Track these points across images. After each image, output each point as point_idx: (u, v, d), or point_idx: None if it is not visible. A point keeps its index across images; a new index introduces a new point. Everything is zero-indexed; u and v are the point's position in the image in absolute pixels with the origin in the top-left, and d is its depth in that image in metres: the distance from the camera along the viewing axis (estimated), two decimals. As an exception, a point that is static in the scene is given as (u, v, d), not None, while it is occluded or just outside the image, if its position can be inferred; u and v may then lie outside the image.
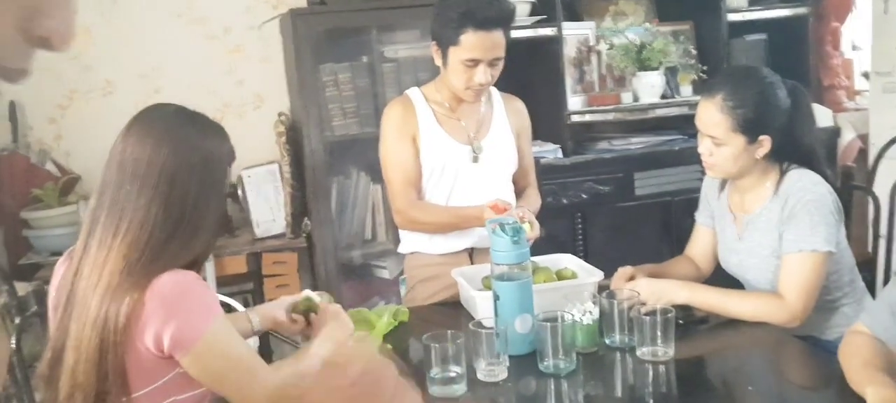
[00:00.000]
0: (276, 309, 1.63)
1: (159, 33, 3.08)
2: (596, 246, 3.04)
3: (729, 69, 1.83)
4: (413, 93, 2.07)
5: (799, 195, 1.68)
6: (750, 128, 1.68)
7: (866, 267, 2.00)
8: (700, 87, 2.89)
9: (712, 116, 1.70)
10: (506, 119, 2.10)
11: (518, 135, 2.13)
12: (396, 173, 2.02)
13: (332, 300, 1.65)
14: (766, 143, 1.70)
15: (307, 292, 1.68)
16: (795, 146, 1.73)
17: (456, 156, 2.02)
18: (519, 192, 2.16)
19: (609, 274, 1.93)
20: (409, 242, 2.11)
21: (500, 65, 1.95)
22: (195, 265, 1.31)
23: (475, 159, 2.03)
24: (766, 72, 1.78)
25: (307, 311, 1.62)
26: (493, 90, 2.13)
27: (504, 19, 1.91)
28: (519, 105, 2.17)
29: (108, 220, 1.25)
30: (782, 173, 1.74)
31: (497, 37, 1.89)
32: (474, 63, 1.89)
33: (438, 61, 1.97)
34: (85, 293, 1.22)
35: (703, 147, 1.75)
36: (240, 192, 2.97)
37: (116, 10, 3.04)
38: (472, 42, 1.87)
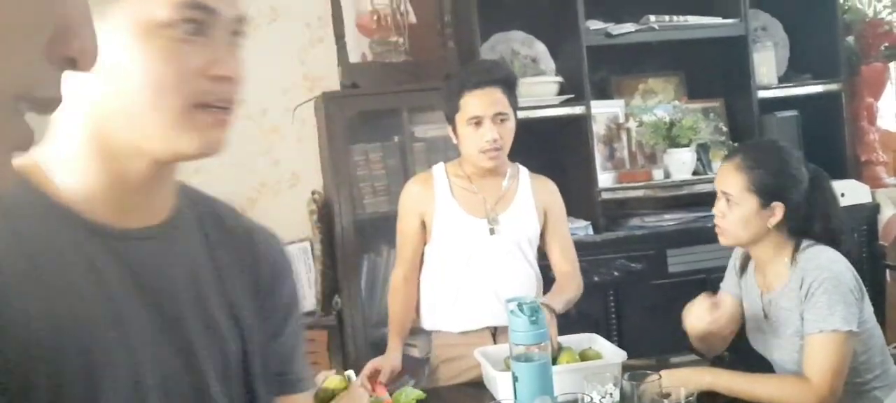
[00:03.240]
0: None
1: (200, 116, 3.20)
2: (630, 324, 2.99)
3: (755, 139, 1.88)
4: (436, 168, 2.14)
5: (815, 274, 1.65)
6: (764, 191, 1.69)
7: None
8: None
9: (729, 174, 1.74)
10: (531, 196, 2.12)
11: (546, 212, 2.14)
12: (398, 244, 2.17)
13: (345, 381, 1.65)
14: (778, 212, 1.69)
15: (327, 376, 1.69)
16: (813, 226, 1.71)
17: (470, 229, 2.04)
18: (558, 275, 2.15)
19: (643, 352, 1.90)
20: (431, 319, 2.12)
21: (510, 124, 2.02)
22: None
23: (492, 232, 2.05)
24: (788, 146, 1.82)
25: (323, 401, 1.63)
26: (523, 169, 2.17)
27: (499, 79, 2.02)
28: (549, 185, 2.19)
29: None
30: (797, 249, 1.72)
31: (496, 94, 1.99)
32: (478, 121, 1.98)
33: (455, 139, 2.06)
34: None
35: (717, 208, 1.78)
36: (273, 269, 3.02)
37: None
38: (471, 102, 1.98)
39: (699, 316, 1.72)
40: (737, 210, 1.71)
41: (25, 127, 0.38)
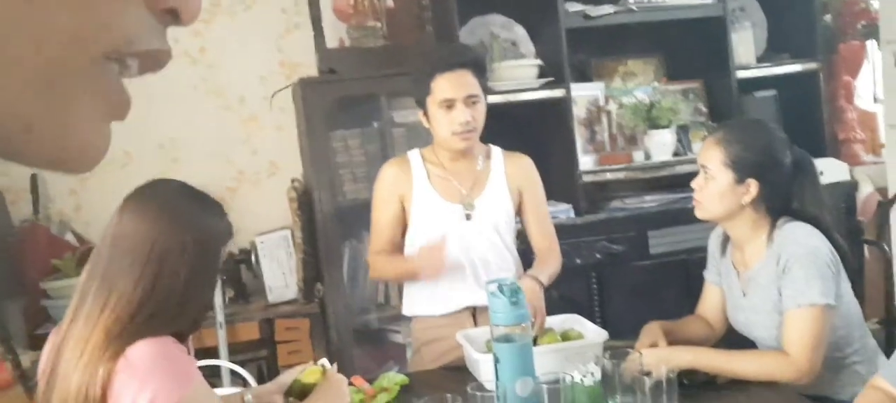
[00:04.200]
0: (273, 392, 1.62)
1: (177, 105, 3.16)
2: (613, 306, 3.00)
3: (743, 117, 1.89)
4: (412, 154, 2.12)
5: (791, 249, 1.66)
6: (740, 167, 1.70)
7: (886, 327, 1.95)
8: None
9: (709, 148, 1.76)
10: (504, 178, 2.11)
11: (521, 191, 2.13)
12: (375, 230, 2.11)
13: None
14: (752, 189, 1.70)
15: (321, 363, 1.67)
16: (791, 208, 1.72)
17: (446, 214, 2.03)
18: (538, 251, 2.15)
19: (626, 334, 1.91)
20: (411, 304, 2.11)
21: (481, 107, 2.01)
22: (180, 337, 1.31)
23: (468, 217, 2.04)
24: (775, 127, 1.83)
25: (302, 394, 1.61)
26: (495, 149, 2.15)
27: (469, 61, 2.02)
28: (524, 162, 2.17)
29: (98, 293, 1.25)
30: (774, 226, 1.73)
31: (466, 77, 1.98)
32: (450, 103, 1.97)
33: (427, 123, 2.05)
34: (66, 367, 1.22)
35: (696, 181, 1.78)
36: (253, 259, 3.00)
37: (134, 83, 3.05)
38: (442, 85, 1.97)
39: (659, 358, 1.65)
40: (712, 184, 1.73)
41: (123, 90, 0.36)
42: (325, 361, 1.68)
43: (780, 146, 1.74)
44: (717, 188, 1.72)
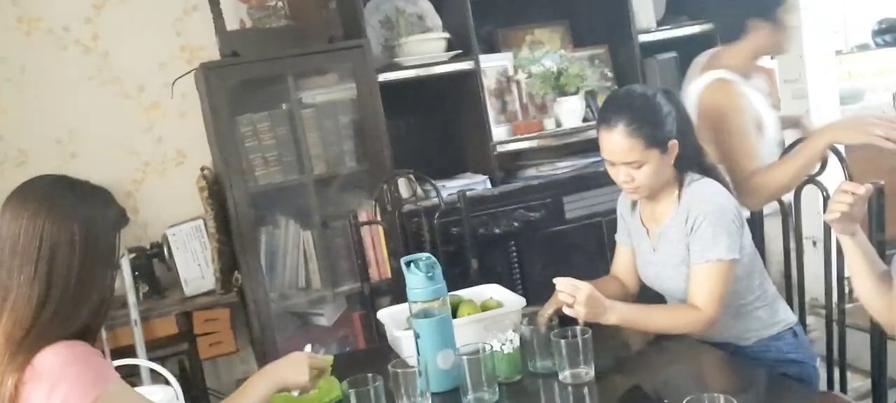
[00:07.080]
0: None
1: (72, 97, 3.01)
2: (532, 272, 3.05)
3: (611, 99, 1.85)
4: (731, 77, 2.16)
5: (700, 207, 1.72)
6: (659, 140, 1.73)
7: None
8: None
9: (622, 144, 1.72)
10: None
11: None
12: (746, 144, 2.09)
13: None
14: (674, 147, 1.75)
15: None
16: (685, 146, 1.78)
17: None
18: None
19: (547, 298, 1.94)
20: None
21: None
22: (88, 334, 1.26)
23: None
24: (641, 88, 1.86)
25: None
26: None
27: None
28: None
29: None
30: (683, 184, 1.79)
31: None
32: None
33: (764, 35, 2.17)
34: None
35: (622, 175, 1.77)
36: (166, 252, 2.90)
37: (26, 77, 2.97)
38: None
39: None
40: (645, 168, 1.73)
41: None
42: None
43: (663, 99, 1.77)
44: (651, 169, 1.73)
